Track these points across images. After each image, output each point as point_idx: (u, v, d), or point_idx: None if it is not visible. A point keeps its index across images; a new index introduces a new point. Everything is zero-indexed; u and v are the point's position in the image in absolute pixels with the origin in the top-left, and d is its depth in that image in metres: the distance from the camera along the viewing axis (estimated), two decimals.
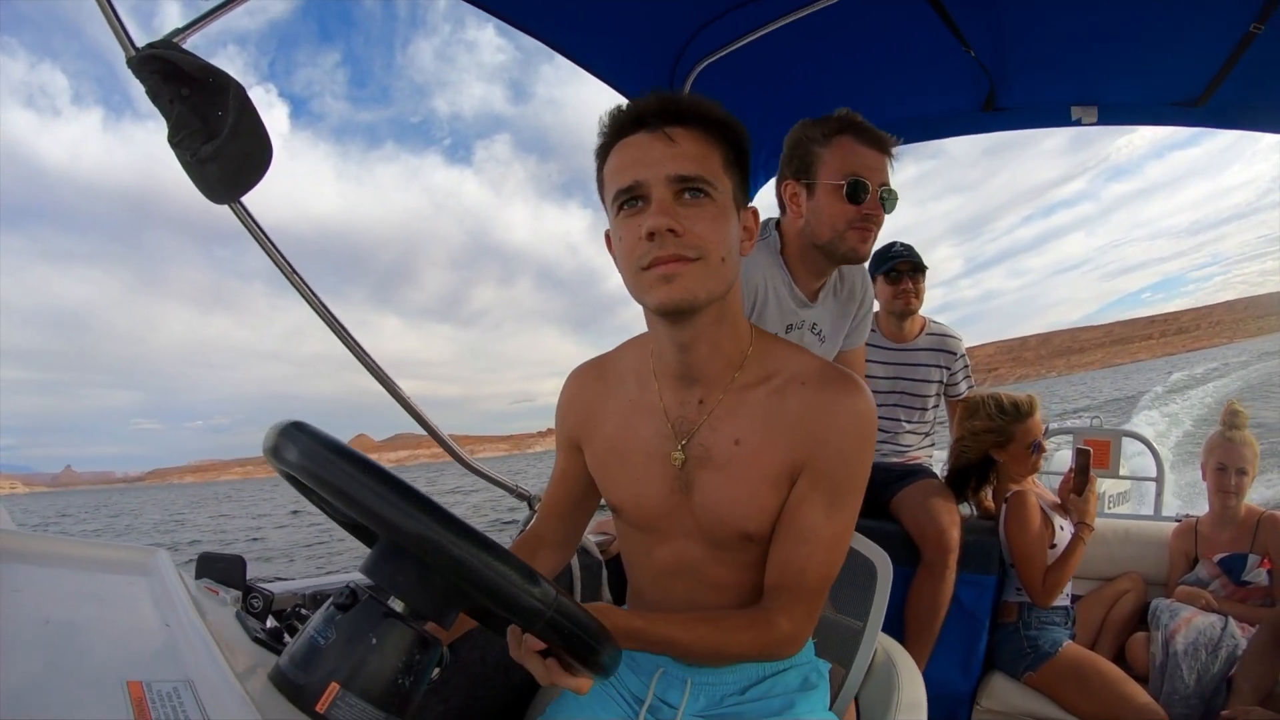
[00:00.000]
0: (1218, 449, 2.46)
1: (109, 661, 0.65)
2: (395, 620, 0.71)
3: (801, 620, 1.04)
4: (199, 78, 1.05)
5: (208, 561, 1.07)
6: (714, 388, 1.07)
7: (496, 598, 0.67)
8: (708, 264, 0.95)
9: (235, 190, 1.17)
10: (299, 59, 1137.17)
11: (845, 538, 1.06)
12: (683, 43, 2.08)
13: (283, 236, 14.19)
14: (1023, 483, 2.47)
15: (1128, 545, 2.66)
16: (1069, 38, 2.10)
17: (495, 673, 1.59)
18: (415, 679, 0.71)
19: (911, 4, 1.89)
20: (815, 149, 1.61)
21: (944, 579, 2.34)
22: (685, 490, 1.08)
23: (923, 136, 2.66)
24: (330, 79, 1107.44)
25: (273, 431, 0.72)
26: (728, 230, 0.97)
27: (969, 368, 2.80)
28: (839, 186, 1.57)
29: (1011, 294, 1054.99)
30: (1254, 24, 1.87)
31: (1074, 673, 2.23)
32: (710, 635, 0.99)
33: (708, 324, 1.01)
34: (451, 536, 0.65)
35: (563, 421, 1.23)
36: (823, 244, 1.63)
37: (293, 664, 0.69)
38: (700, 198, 0.95)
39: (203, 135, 1.08)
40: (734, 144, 1.00)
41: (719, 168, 0.97)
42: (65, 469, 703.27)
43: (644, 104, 0.97)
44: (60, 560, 0.85)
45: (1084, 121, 2.36)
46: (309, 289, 1.41)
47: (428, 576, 0.73)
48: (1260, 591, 2.32)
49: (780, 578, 1.04)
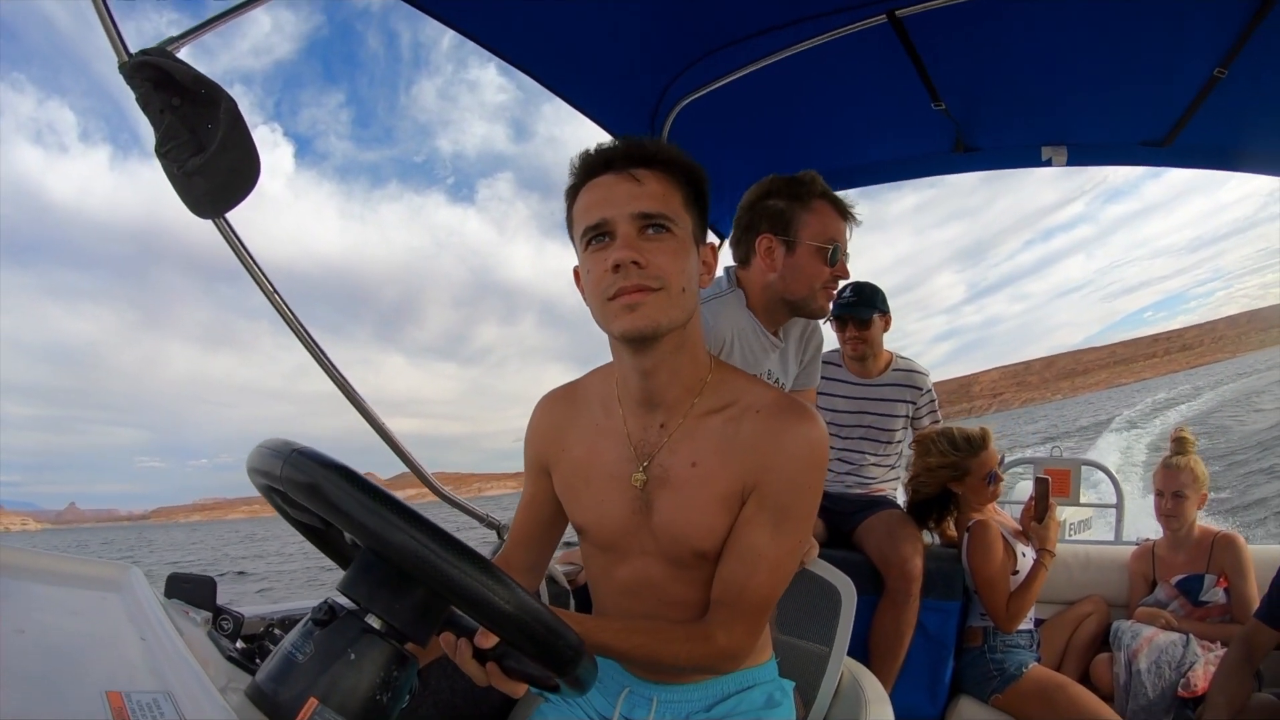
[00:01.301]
0: (1157, 475, 2.56)
1: (87, 672, 0.65)
2: (374, 636, 0.71)
3: (741, 636, 1.08)
4: (191, 88, 1.04)
5: (177, 582, 1.06)
6: (674, 413, 1.12)
7: (468, 598, 0.68)
8: (669, 294, 1.01)
9: (220, 205, 1.16)
10: (304, 99, 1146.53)
11: (789, 560, 1.10)
12: (664, 84, 2.15)
13: (287, 275, 13.93)
14: (983, 511, 2.52)
15: (1089, 569, 2.71)
16: (1038, 81, 2.17)
17: (464, 701, 1.59)
18: (393, 695, 0.71)
19: (883, 50, 1.95)
20: (797, 209, 1.68)
21: (908, 606, 2.39)
22: (645, 510, 1.13)
23: (895, 177, 2.75)
24: (335, 119, 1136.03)
25: (258, 448, 0.73)
26: (688, 263, 1.04)
27: (935, 402, 2.86)
28: (822, 250, 1.66)
29: (1014, 319, 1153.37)
30: (1217, 68, 1.95)
31: (1040, 693, 2.26)
32: (646, 644, 1.05)
33: (668, 352, 1.07)
34: (427, 540, 0.66)
35: (532, 446, 1.27)
36: (796, 299, 1.71)
37: (270, 679, 0.69)
38: (662, 233, 1.01)
39: (191, 147, 1.07)
40: (694, 185, 1.08)
41: (680, 206, 1.04)
42: (69, 506, 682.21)
43: (611, 149, 1.05)
44: (33, 574, 0.84)
45: (1054, 162, 2.44)
46: (282, 301, 1.40)
47: (405, 592, 0.73)
48: (1219, 609, 2.38)
49: (723, 594, 1.08)
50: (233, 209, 1.16)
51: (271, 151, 65.48)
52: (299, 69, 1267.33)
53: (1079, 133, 2.40)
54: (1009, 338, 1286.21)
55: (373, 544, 0.68)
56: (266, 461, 0.71)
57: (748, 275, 1.77)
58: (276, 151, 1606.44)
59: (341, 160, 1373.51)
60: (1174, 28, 1.88)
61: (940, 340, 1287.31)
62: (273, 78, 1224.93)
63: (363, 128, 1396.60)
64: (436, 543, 0.66)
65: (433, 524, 0.68)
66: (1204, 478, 2.50)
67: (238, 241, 1.26)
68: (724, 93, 2.14)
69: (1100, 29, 1.94)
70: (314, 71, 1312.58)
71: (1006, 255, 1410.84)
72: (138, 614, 0.83)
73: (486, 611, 0.69)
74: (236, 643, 1.04)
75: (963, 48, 2.00)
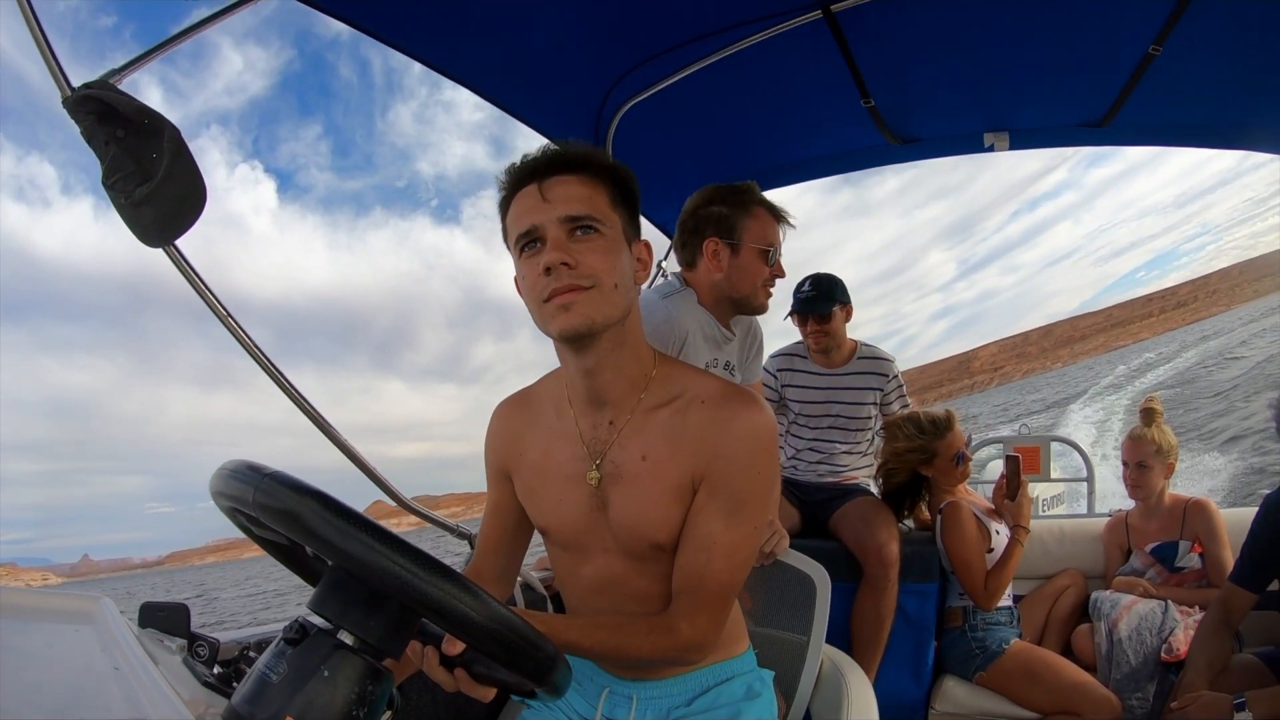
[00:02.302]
0: (1123, 446, 2.62)
1: (61, 703, 0.64)
2: (346, 652, 0.71)
3: (704, 626, 1.09)
4: (134, 119, 1.04)
5: (151, 611, 1.05)
6: (622, 409, 1.14)
7: (447, 616, 0.68)
8: (601, 291, 1.04)
9: (169, 234, 1.16)
10: (281, 134, 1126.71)
11: (746, 546, 1.12)
12: (605, 91, 2.19)
13: (279, 310, 13.78)
14: (955, 492, 2.55)
15: (1064, 543, 2.76)
16: (977, 68, 2.22)
17: (446, 713, 1.58)
18: (369, 710, 0.71)
19: (818, 47, 2.00)
20: (739, 214, 1.84)
21: (886, 591, 2.42)
22: (602, 508, 1.14)
23: (836, 171, 2.79)
24: (314, 151, 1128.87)
25: (219, 471, 0.73)
26: (619, 260, 1.07)
27: (903, 388, 2.90)
28: (763, 251, 1.83)
29: (1008, 291, 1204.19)
30: (1152, 46, 2.00)
31: (1024, 668, 2.30)
32: (610, 639, 1.07)
33: (609, 349, 1.09)
34: (388, 551, 0.67)
35: (492, 453, 1.29)
36: (739, 296, 1.86)
37: (245, 701, 0.69)
38: (590, 233, 1.04)
39: (137, 178, 1.07)
40: (620, 185, 1.10)
41: (606, 206, 1.07)
42: (82, 558, 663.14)
43: (536, 158, 1.08)
44: (2, 610, 0.83)
45: (996, 147, 2.49)
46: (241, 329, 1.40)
47: (377, 607, 0.73)
48: (1195, 575, 2.43)
49: (683, 584, 1.10)
50: (181, 236, 1.16)
51: (254, 189, 63.24)
52: (274, 104, 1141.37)
53: (1019, 118, 2.45)
54: (1004, 310, 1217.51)
55: (351, 568, 0.68)
56: (234, 487, 0.71)
57: (695, 276, 1.90)
58: (259, 188, 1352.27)
59: (324, 192, 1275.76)
60: (1108, 8, 1.93)
61: (937, 319, 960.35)
62: (248, 115, 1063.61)
63: (343, 157, 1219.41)
64: (413, 562, 0.67)
65: (405, 542, 0.68)
66: (1170, 447, 2.55)
67: (190, 269, 1.26)
68: (666, 96, 2.18)
69: (1036, 14, 1.98)
70: (289, 105, 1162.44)
71: (994, 228, 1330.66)
72: (111, 645, 0.83)
73: (466, 628, 0.69)
74: (214, 669, 1.03)
75: (900, 40, 2.04)
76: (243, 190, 62.98)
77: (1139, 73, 2.12)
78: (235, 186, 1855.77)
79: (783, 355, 2.92)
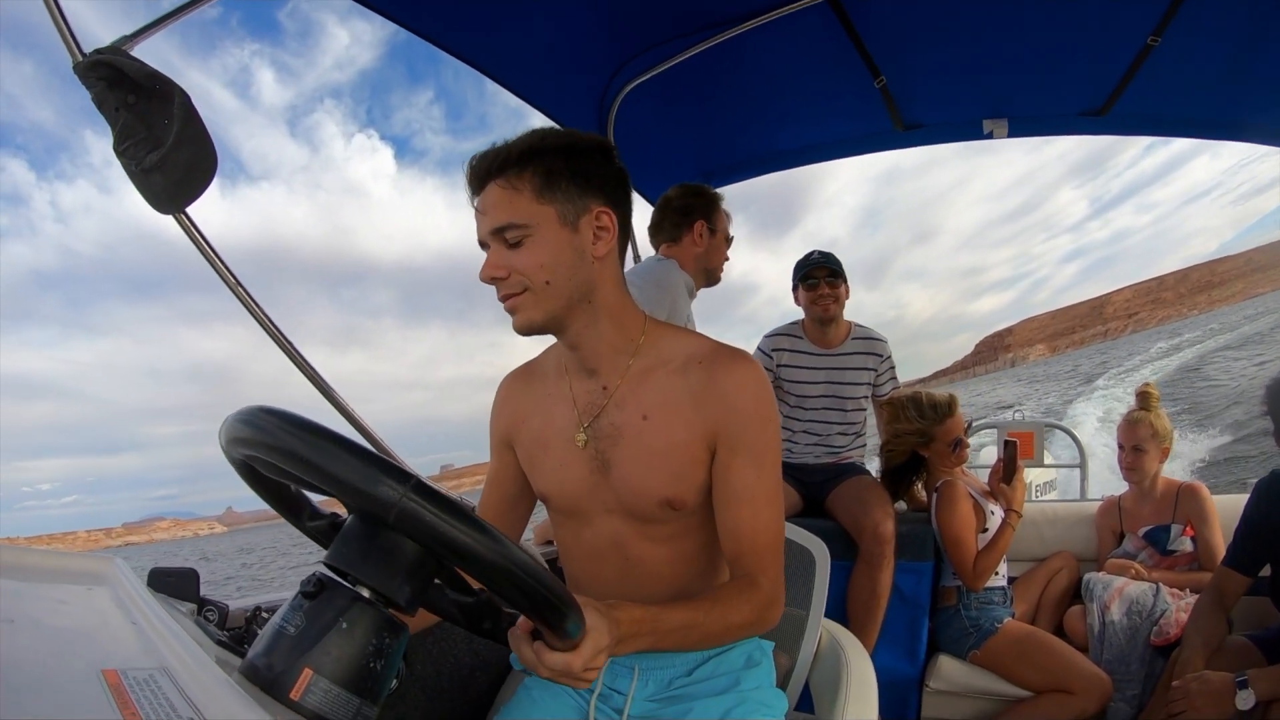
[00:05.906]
0: (1120, 429, 2.64)
1: (81, 654, 0.64)
2: (364, 604, 0.71)
3: (775, 579, 1.11)
4: (145, 85, 1.04)
5: (160, 576, 1.06)
6: (613, 374, 1.16)
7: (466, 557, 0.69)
8: (534, 292, 1.06)
9: (180, 200, 1.16)
10: (394, 102, 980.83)
11: (779, 495, 1.13)
12: (610, 73, 2.24)
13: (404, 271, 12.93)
14: (951, 473, 2.57)
15: (1057, 526, 2.79)
16: (977, 56, 2.24)
17: (451, 684, 1.59)
18: (386, 662, 0.72)
19: (821, 31, 2.02)
20: (715, 207, 2.37)
21: (882, 569, 2.45)
22: (603, 470, 1.15)
23: (838, 155, 2.82)
24: (427, 116, 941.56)
25: (229, 420, 0.74)
26: (552, 254, 1.06)
27: (894, 368, 2.92)
28: (729, 238, 2.41)
29: (1143, 230, 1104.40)
30: (1150, 37, 2.02)
31: (1017, 647, 2.33)
32: (717, 611, 1.02)
33: (581, 327, 1.12)
34: (423, 502, 0.67)
35: (496, 423, 1.31)
36: (710, 269, 2.40)
37: (263, 654, 0.69)
38: (518, 239, 1.05)
39: (148, 144, 1.07)
40: (547, 164, 1.05)
41: (531, 202, 1.05)
42: (227, 510, 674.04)
43: (468, 172, 1.09)
44: (15, 571, 0.84)
45: (995, 135, 2.52)
46: (249, 295, 1.41)
47: (393, 560, 0.74)
48: (1187, 558, 2.45)
49: (738, 546, 1.10)
50: (192, 203, 1.17)
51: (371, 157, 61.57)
52: (384, 74, 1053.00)
53: (1019, 105, 2.47)
54: (1139, 252, 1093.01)
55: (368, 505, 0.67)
56: (264, 435, 0.70)
57: (679, 250, 2.35)
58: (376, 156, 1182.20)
59: (441, 154, 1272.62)
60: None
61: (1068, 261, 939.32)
62: (360, 87, 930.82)
63: (456, 120, 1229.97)
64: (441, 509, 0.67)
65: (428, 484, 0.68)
66: (1165, 432, 2.57)
67: (199, 235, 1.26)
68: (669, 78, 2.21)
69: (1037, 2, 2.00)
70: (399, 74, 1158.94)
71: (1128, 163, 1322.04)
72: (127, 601, 0.83)
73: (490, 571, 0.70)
74: (224, 632, 1.04)
75: (901, 25, 2.06)
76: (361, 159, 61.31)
77: (1138, 63, 2.14)
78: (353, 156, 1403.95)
79: (778, 335, 2.91)
